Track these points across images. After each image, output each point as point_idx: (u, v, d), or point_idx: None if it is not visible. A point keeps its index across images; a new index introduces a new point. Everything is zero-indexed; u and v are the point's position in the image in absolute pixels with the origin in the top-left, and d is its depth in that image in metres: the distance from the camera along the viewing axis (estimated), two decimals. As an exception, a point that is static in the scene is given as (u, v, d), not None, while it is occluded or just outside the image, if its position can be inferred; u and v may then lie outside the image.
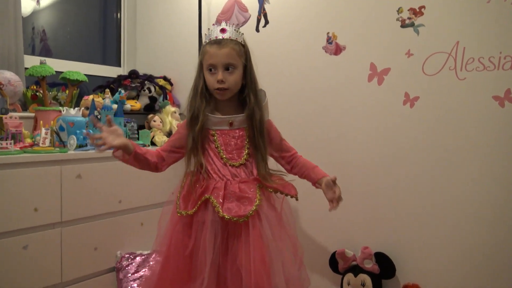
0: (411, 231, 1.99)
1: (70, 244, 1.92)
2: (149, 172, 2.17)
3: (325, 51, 2.22)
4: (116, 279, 2.13)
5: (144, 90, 2.63)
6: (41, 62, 2.19)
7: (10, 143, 1.77)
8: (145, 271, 2.12)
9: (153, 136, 2.45)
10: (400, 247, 2.01)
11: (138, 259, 2.15)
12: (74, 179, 1.92)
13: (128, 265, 2.12)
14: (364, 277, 1.97)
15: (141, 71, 2.74)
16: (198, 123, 1.48)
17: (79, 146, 2.02)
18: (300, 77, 2.31)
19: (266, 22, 2.42)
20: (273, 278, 1.42)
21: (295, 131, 2.29)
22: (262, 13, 2.43)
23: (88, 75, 2.53)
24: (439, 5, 1.90)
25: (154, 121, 2.51)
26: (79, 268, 1.97)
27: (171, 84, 2.81)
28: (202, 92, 1.50)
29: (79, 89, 2.45)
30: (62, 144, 2.00)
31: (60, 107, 2.14)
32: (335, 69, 2.19)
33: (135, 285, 2.08)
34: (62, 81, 2.33)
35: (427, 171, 1.95)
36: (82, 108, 2.24)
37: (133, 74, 2.62)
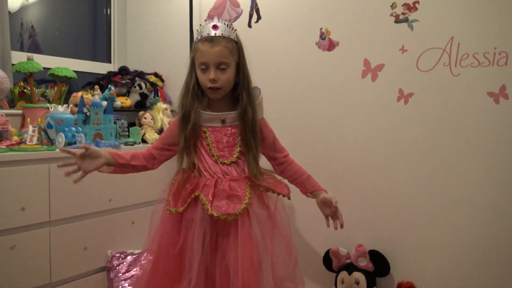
0: (405, 229, 1.98)
1: (59, 244, 1.89)
2: (140, 170, 2.16)
3: (318, 47, 2.20)
4: (107, 279, 2.10)
5: (135, 87, 2.60)
6: (29, 58, 2.14)
7: (-4, 141, 1.73)
8: (137, 271, 2.10)
9: (144, 134, 2.41)
10: (394, 245, 2.00)
11: (129, 258, 2.13)
12: (63, 178, 1.85)
13: (119, 265, 2.09)
14: (358, 275, 1.96)
15: (132, 67, 2.71)
16: (190, 122, 1.46)
17: (68, 144, 1.98)
18: (293, 73, 2.28)
19: (259, 18, 2.39)
20: (261, 278, 1.40)
21: (287, 128, 2.28)
22: (255, 8, 2.40)
23: (78, 72, 2.48)
24: (434, 0, 1.88)
25: (145, 118, 2.47)
26: (69, 268, 1.94)
27: (162, 81, 2.78)
28: (194, 90, 1.48)
29: (68, 86, 2.41)
30: (50, 142, 1.96)
31: (48, 104, 2.09)
32: (328, 66, 2.17)
33: (126, 285, 2.05)
34: (51, 78, 2.29)
35: (422, 168, 1.93)
36: (71, 105, 2.20)
37: (123, 71, 2.59)
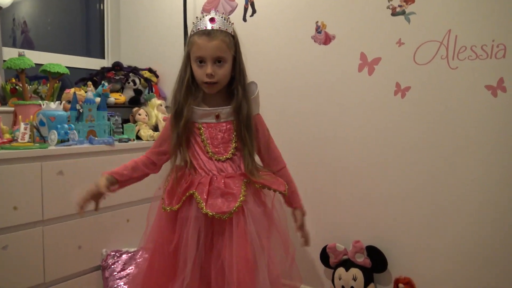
0: (403, 225, 1.96)
1: (53, 243, 1.87)
2: (134, 168, 2.13)
3: (314, 41, 2.17)
4: (102, 278, 2.08)
5: (129, 83, 2.57)
6: (20, 54, 2.11)
7: (-13, 139, 1.70)
8: (132, 269, 2.08)
9: (139, 130, 2.38)
10: (392, 241, 1.98)
11: (125, 257, 2.11)
12: (56, 176, 1.86)
13: (114, 263, 2.07)
14: (356, 271, 1.94)
15: (126, 63, 2.68)
16: (183, 119, 1.44)
17: (61, 142, 1.95)
18: (289, 68, 2.26)
19: (254, 11, 2.36)
20: (257, 276, 1.38)
21: (283, 123, 2.26)
22: (249, 2, 2.36)
23: (71, 68, 2.46)
24: (431, -8, 1.85)
25: (139, 115, 2.44)
26: (63, 268, 1.92)
27: (157, 76, 2.75)
28: (188, 84, 1.45)
29: (61, 82, 2.38)
30: (43, 140, 1.94)
31: (41, 101, 2.06)
32: (325, 59, 2.14)
33: (122, 284, 2.04)
34: (43, 74, 2.25)
35: (419, 163, 1.91)
36: (64, 102, 2.17)
37: (117, 66, 2.56)
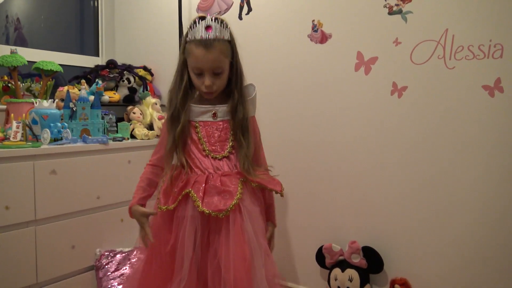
0: (399, 225, 1.95)
1: (45, 243, 1.85)
2: (128, 167, 2.13)
3: (310, 40, 2.15)
4: (96, 278, 2.06)
5: (123, 81, 2.55)
6: (12, 52, 2.08)
7: (-22, 138, 1.68)
8: (126, 269, 2.06)
9: (133, 129, 2.36)
10: (388, 241, 1.97)
11: (119, 257, 2.09)
12: (48, 175, 1.84)
13: (108, 263, 2.05)
14: (352, 272, 1.93)
15: (120, 61, 2.66)
16: (180, 123, 1.43)
17: (54, 140, 1.93)
18: (285, 67, 2.24)
19: (249, 9, 2.34)
20: (254, 275, 1.37)
21: (279, 123, 2.25)
22: (245, 0, 2.34)
23: (65, 65, 2.43)
24: (428, -8, 1.84)
25: (134, 113, 2.42)
26: (56, 268, 1.90)
27: (152, 75, 2.73)
28: (186, 90, 1.44)
29: (55, 80, 2.35)
30: (35, 138, 1.91)
31: (33, 99, 2.03)
32: (321, 58, 2.12)
33: (116, 284, 2.02)
34: (36, 72, 2.23)
35: (416, 163, 1.90)
36: (57, 100, 2.14)
37: (111, 64, 2.53)
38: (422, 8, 1.85)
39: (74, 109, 2.05)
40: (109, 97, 2.44)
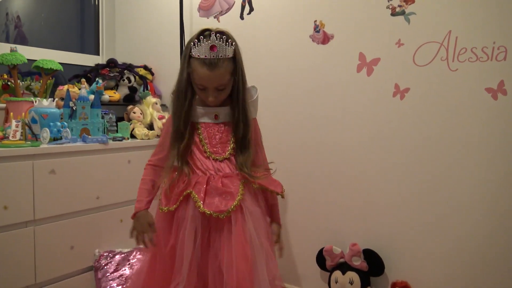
0: (400, 228, 1.94)
1: (44, 243, 1.84)
2: (128, 167, 2.12)
3: (312, 40, 2.14)
4: (95, 279, 2.05)
5: (124, 80, 2.53)
6: (12, 50, 2.06)
7: (-23, 137, 1.66)
8: (125, 270, 2.05)
9: (133, 129, 2.34)
10: (389, 244, 1.96)
11: (118, 258, 2.08)
12: (48, 175, 1.82)
13: (107, 264, 2.04)
14: (352, 275, 1.92)
15: (121, 60, 2.64)
16: (184, 139, 1.43)
17: (53, 140, 1.91)
18: (286, 67, 2.23)
19: (251, 9, 2.32)
20: (256, 276, 1.37)
21: (280, 124, 2.24)
22: (247, 0, 2.33)
23: (65, 64, 2.41)
24: (431, -7, 1.82)
25: (134, 113, 2.40)
26: (54, 268, 1.89)
27: (152, 74, 2.71)
28: (190, 104, 1.43)
29: (55, 79, 2.33)
30: (35, 138, 1.90)
31: (33, 98, 2.02)
32: (323, 59, 2.11)
33: (115, 285, 2.01)
34: (36, 70, 2.21)
35: (417, 166, 1.89)
36: (57, 99, 2.13)
37: (112, 63, 2.52)
38: (425, 10, 1.84)
39: (74, 108, 2.04)
40: (109, 96, 2.42)
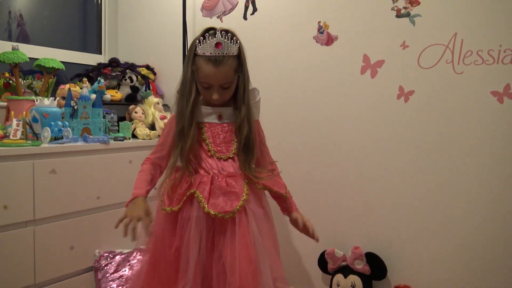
0: (403, 231, 1.93)
1: (44, 244, 1.82)
2: (129, 167, 2.10)
3: (316, 41, 2.13)
4: (95, 279, 2.03)
5: (126, 79, 2.52)
6: (13, 48, 2.05)
7: (-23, 136, 1.65)
8: (125, 271, 2.03)
9: (135, 129, 2.33)
10: (392, 248, 1.95)
11: (118, 258, 2.06)
12: (48, 174, 1.81)
13: (107, 265, 2.03)
14: (354, 279, 1.90)
15: (123, 59, 2.63)
16: (189, 139, 1.42)
17: (54, 139, 1.90)
18: (289, 69, 2.21)
19: (255, 10, 2.31)
20: (260, 277, 1.36)
21: (282, 126, 2.23)
22: (250, 0, 2.31)
23: (67, 63, 2.40)
24: (437, -5, 1.81)
25: (136, 113, 2.39)
26: (54, 269, 1.87)
27: (154, 74, 2.70)
28: (194, 103, 1.42)
29: (56, 78, 2.32)
30: (35, 137, 1.88)
31: (34, 97, 2.01)
32: (326, 61, 2.10)
33: (115, 286, 1.99)
34: (38, 69, 2.20)
35: (421, 169, 1.88)
36: (58, 98, 2.12)
37: (114, 62, 2.51)
38: (431, 12, 1.82)
39: (75, 108, 2.02)
40: (111, 96, 2.41)
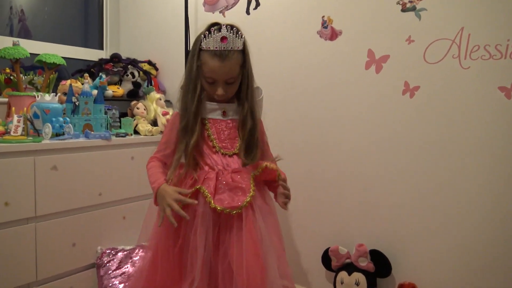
0: (408, 229, 1.90)
1: (46, 240, 1.81)
2: (131, 163, 2.09)
3: (320, 36, 2.10)
4: (97, 276, 2.02)
5: (127, 75, 2.50)
6: (14, 44, 2.03)
7: (-22, 132, 1.64)
8: (128, 268, 2.02)
9: (137, 125, 2.31)
10: (397, 245, 1.92)
11: (120, 255, 2.05)
12: (49, 171, 1.80)
13: (110, 261, 2.02)
14: (359, 276, 1.88)
15: (125, 55, 2.62)
16: (194, 135, 1.41)
17: (55, 135, 1.88)
18: (292, 64, 2.19)
19: (257, 4, 2.28)
20: (268, 274, 1.35)
21: (286, 123, 2.21)
22: (254, -6, 2.29)
23: (69, 58, 2.39)
24: (443, -12, 1.78)
25: (138, 109, 2.37)
26: (56, 265, 1.87)
27: (156, 69, 2.68)
28: (199, 98, 1.42)
29: (58, 73, 2.30)
30: (36, 133, 1.87)
31: (35, 93, 1.99)
32: (330, 56, 2.07)
33: (117, 282, 1.98)
34: (39, 65, 2.18)
35: (426, 166, 1.85)
36: (59, 94, 2.10)
37: (115, 58, 2.49)
38: (437, 5, 1.79)
39: (77, 104, 2.01)
40: (113, 92, 2.40)
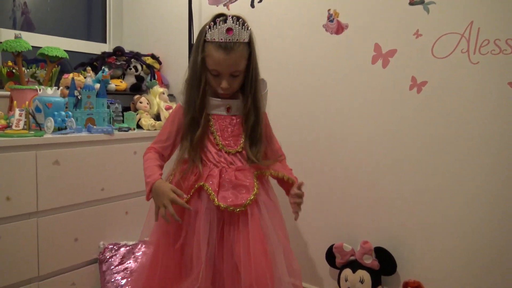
0: (413, 226, 1.88)
1: (48, 235, 1.80)
2: (134, 158, 2.07)
3: (326, 30, 2.06)
4: (99, 272, 2.01)
5: (130, 69, 2.48)
6: (16, 36, 2.01)
7: (-21, 126, 1.62)
8: (130, 263, 2.01)
9: (139, 119, 2.29)
10: (402, 242, 1.90)
11: (123, 250, 2.04)
12: (51, 165, 1.78)
13: (112, 257, 2.00)
14: (363, 274, 1.86)
15: (128, 48, 2.59)
16: (200, 128, 1.40)
17: (57, 129, 1.87)
18: (298, 58, 2.16)
19: (263, -3, 2.25)
20: (276, 271, 1.33)
21: (291, 118, 2.18)
22: (258, -13, 2.25)
23: (72, 52, 2.37)
24: (452, -19, 1.74)
25: (141, 103, 2.35)
26: (58, 261, 1.85)
27: (160, 63, 2.65)
28: (204, 91, 1.40)
29: (60, 67, 2.28)
30: (38, 127, 1.85)
31: (37, 86, 1.97)
32: (336, 50, 2.04)
33: (119, 278, 1.97)
34: (41, 58, 2.16)
35: (433, 162, 1.82)
36: (62, 88, 2.08)
37: (118, 51, 2.47)
38: (446, -1, 1.75)
39: (79, 97, 1.99)
40: (116, 86, 2.37)
